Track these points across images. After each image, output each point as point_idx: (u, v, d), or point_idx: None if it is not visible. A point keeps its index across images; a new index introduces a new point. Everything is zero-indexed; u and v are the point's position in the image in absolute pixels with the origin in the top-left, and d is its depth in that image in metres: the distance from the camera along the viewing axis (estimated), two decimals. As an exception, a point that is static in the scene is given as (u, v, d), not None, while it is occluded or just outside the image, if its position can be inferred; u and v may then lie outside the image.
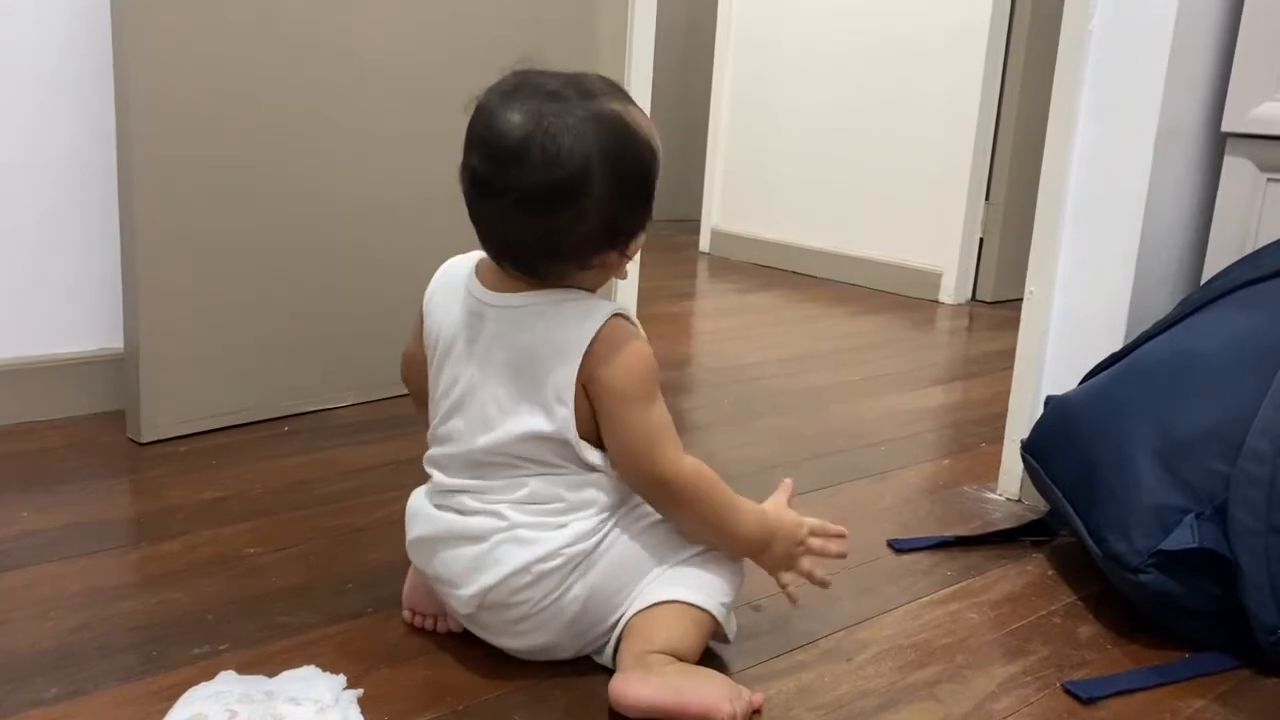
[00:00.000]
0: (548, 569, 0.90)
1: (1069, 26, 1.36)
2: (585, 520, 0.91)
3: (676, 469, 0.91)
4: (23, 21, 1.44)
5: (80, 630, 0.97)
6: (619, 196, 0.88)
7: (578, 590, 0.91)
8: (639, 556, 0.94)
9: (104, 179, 1.51)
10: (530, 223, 0.87)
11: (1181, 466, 1.06)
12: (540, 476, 0.91)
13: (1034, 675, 1.01)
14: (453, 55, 1.70)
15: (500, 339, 0.92)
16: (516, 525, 0.90)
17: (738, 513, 0.95)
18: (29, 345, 1.51)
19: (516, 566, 0.90)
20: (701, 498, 0.93)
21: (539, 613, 0.91)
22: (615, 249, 0.91)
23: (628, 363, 0.90)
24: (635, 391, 0.90)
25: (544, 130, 0.85)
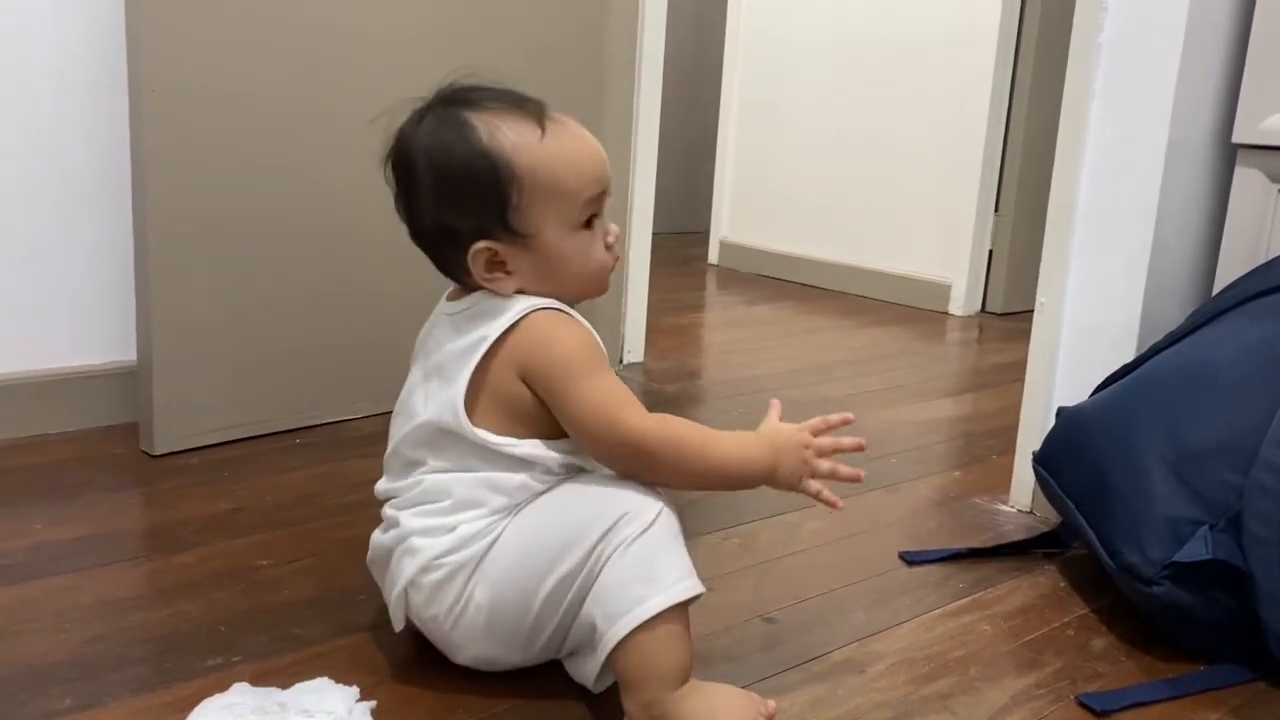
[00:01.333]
0: (436, 580, 0.89)
1: (1079, 38, 1.37)
2: (472, 522, 0.89)
3: (641, 426, 0.88)
4: (38, 35, 1.45)
5: (94, 642, 0.97)
6: (437, 193, 0.92)
7: (480, 598, 0.89)
8: (540, 550, 0.88)
9: (116, 191, 1.51)
10: (399, 200, 0.97)
11: (1194, 477, 1.06)
12: (436, 474, 0.92)
13: (1048, 688, 1.00)
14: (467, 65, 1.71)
15: (438, 343, 0.96)
16: (410, 533, 0.91)
17: (724, 445, 0.90)
18: (42, 358, 1.52)
19: (409, 579, 0.91)
20: (677, 445, 0.89)
21: (455, 624, 0.91)
22: (461, 253, 0.92)
23: (560, 343, 0.90)
24: (575, 367, 0.89)
25: (399, 131, 0.96)
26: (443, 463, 0.92)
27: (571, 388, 0.88)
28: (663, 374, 2.08)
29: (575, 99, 1.89)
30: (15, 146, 1.46)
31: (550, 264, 0.93)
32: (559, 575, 0.87)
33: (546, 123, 0.93)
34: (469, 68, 0.95)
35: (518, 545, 0.89)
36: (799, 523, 1.36)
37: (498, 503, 0.90)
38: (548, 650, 0.93)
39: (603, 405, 0.88)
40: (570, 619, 0.90)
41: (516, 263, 0.92)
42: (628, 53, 1.97)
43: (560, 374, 0.89)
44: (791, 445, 0.91)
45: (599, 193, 0.94)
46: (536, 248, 0.92)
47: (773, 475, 0.91)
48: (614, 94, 1.95)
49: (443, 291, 1.02)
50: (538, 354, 0.89)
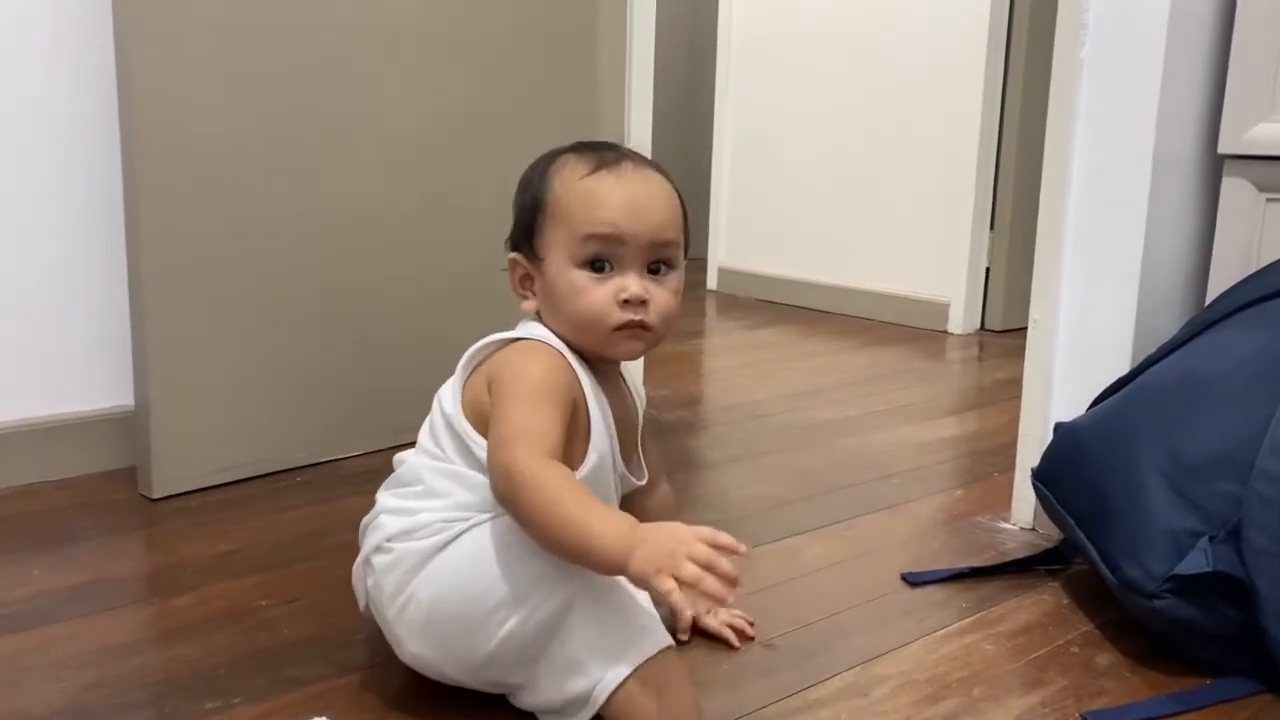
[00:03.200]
0: (385, 562, 0.92)
1: (1060, 55, 1.38)
2: (433, 513, 0.91)
3: (519, 461, 0.84)
4: (32, 86, 1.47)
5: (93, 688, 0.97)
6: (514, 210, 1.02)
7: (421, 596, 0.89)
8: (495, 572, 0.87)
9: (112, 235, 1.52)
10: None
11: (1192, 489, 1.06)
12: (420, 455, 0.96)
13: (1053, 706, 1.00)
14: (458, 109, 1.72)
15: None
16: (381, 510, 0.95)
17: (579, 510, 0.81)
18: (39, 405, 1.52)
19: (366, 554, 0.95)
20: (537, 491, 0.82)
21: (399, 615, 0.92)
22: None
23: (518, 365, 0.92)
24: (516, 389, 0.90)
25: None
26: (432, 446, 0.96)
27: (500, 406, 0.89)
28: (663, 402, 2.08)
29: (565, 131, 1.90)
30: (10, 193, 1.47)
31: (551, 294, 0.96)
32: (514, 606, 0.86)
33: (605, 166, 0.96)
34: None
35: (472, 559, 0.88)
36: (801, 547, 1.36)
37: (461, 498, 0.91)
38: (492, 676, 0.91)
39: (510, 430, 0.87)
40: (524, 652, 0.87)
41: (538, 285, 0.98)
42: (618, 81, 1.98)
43: (502, 390, 0.90)
44: (664, 540, 0.77)
45: (609, 239, 0.93)
46: (544, 271, 0.96)
47: (623, 561, 0.78)
48: (605, 121, 1.96)
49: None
50: (500, 369, 0.93)
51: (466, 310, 1.81)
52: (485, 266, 1.82)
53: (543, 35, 1.83)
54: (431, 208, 1.73)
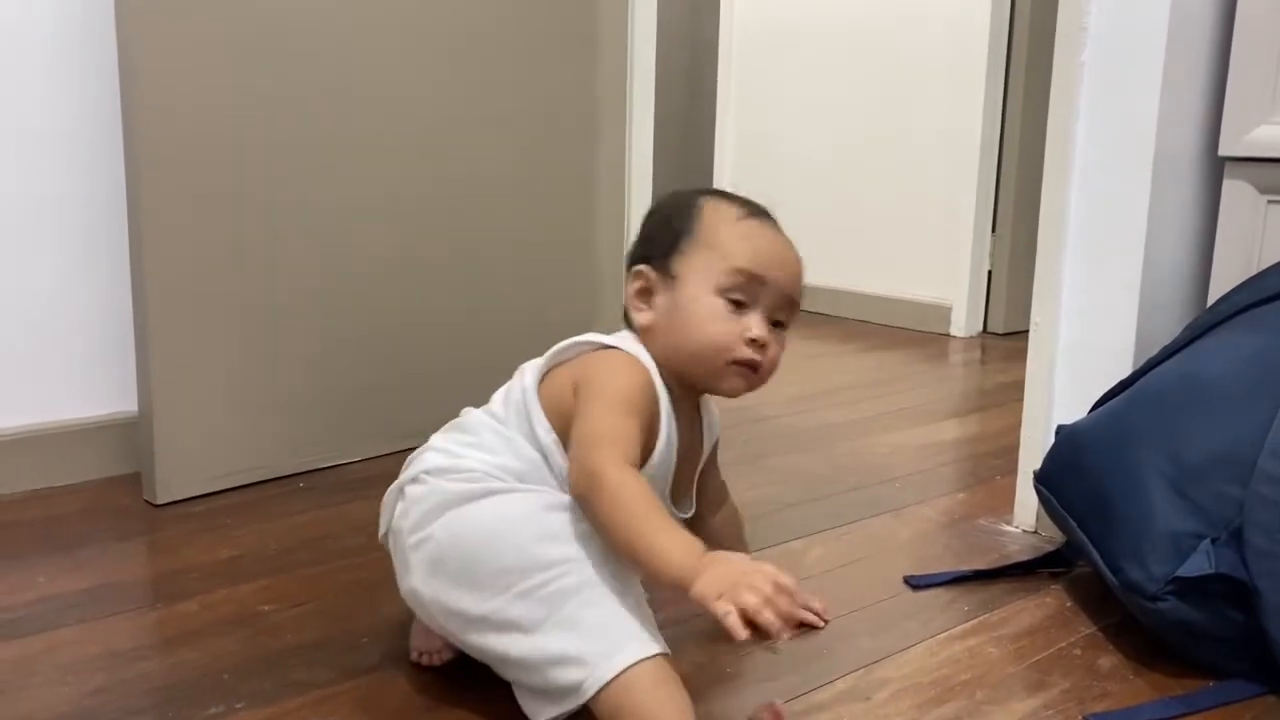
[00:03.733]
0: (418, 492, 0.95)
1: (1061, 58, 1.38)
2: (476, 465, 0.94)
3: (606, 466, 0.87)
4: (35, 92, 1.47)
5: (98, 693, 0.97)
6: (645, 225, 1.06)
7: (441, 535, 0.92)
8: (516, 539, 0.88)
9: (115, 243, 1.53)
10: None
11: (1194, 491, 1.06)
12: (485, 414, 1.01)
13: (1055, 709, 1.00)
14: (459, 112, 1.73)
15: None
16: (430, 446, 1.00)
17: (656, 527, 0.84)
18: (44, 411, 1.53)
19: (405, 480, 0.98)
20: (618, 499, 0.85)
21: (414, 545, 0.94)
22: (627, 272, 1.04)
23: (607, 371, 0.96)
24: (603, 394, 0.93)
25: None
26: (498, 414, 1.00)
27: (588, 406, 0.93)
28: (665, 405, 2.08)
29: (567, 129, 1.91)
30: (14, 202, 1.48)
31: (678, 313, 0.99)
32: (523, 575, 0.86)
33: (758, 215, 1.04)
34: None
35: (497, 519, 0.91)
36: (803, 550, 1.36)
37: (507, 461, 0.95)
38: (478, 640, 0.90)
39: (596, 431, 0.90)
40: (517, 622, 0.87)
41: (658, 300, 1.00)
42: (620, 82, 1.98)
43: (590, 391, 0.94)
44: (730, 569, 0.79)
45: (755, 277, 0.98)
46: (677, 290, 0.99)
47: (688, 582, 0.80)
48: (606, 123, 1.97)
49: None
50: (590, 371, 0.96)
51: (470, 316, 1.81)
52: (490, 273, 1.83)
53: (544, 35, 1.84)
54: (435, 215, 1.74)
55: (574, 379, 0.96)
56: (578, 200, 1.95)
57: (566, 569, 0.87)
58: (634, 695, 0.83)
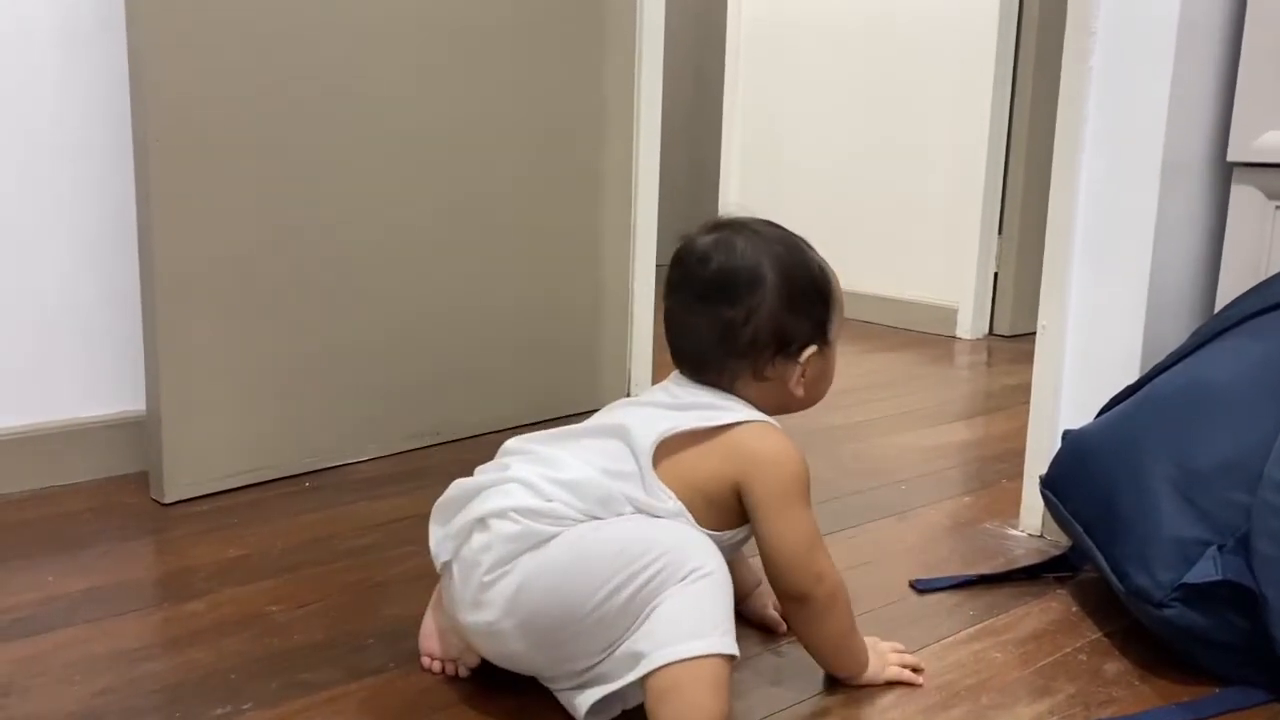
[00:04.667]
0: (508, 531, 0.91)
1: (1069, 62, 1.38)
2: (568, 508, 0.92)
3: (832, 571, 0.98)
4: (42, 91, 1.48)
5: (105, 693, 0.98)
6: (785, 305, 1.00)
7: (521, 569, 0.90)
8: (601, 553, 0.89)
9: (123, 243, 1.53)
10: (708, 312, 1.00)
11: (1201, 498, 1.06)
12: (589, 460, 0.95)
13: (1061, 714, 1.00)
14: (465, 113, 1.73)
15: (669, 392, 1.04)
16: (514, 479, 0.94)
17: (857, 632, 1.04)
18: (51, 410, 1.53)
19: (490, 511, 0.92)
20: (841, 601, 0.99)
21: (493, 583, 0.91)
22: (787, 356, 1.01)
23: (789, 465, 0.97)
24: (796, 494, 0.97)
25: (727, 239, 1.02)
26: (610, 468, 0.95)
27: (789, 512, 0.96)
28: (670, 407, 2.08)
29: (574, 132, 1.91)
30: (22, 200, 1.48)
31: (822, 379, 1.06)
32: (609, 582, 0.88)
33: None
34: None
35: (581, 544, 0.90)
36: (808, 553, 1.36)
37: (598, 512, 0.93)
38: (563, 664, 0.92)
39: (810, 534, 0.97)
40: (607, 633, 0.89)
41: (814, 371, 1.04)
42: (627, 82, 1.99)
43: (782, 494, 0.96)
44: (879, 655, 1.05)
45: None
46: (828, 356, 1.05)
47: (865, 670, 1.03)
48: (613, 122, 1.97)
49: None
50: (770, 462, 0.96)
51: (478, 318, 1.82)
52: (497, 274, 1.84)
53: (552, 33, 1.84)
54: (443, 214, 1.74)
55: (733, 466, 0.96)
56: (584, 200, 1.95)
57: (654, 570, 0.88)
58: (684, 690, 0.84)
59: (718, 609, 0.88)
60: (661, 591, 0.87)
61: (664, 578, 0.87)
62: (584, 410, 1.98)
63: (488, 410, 1.85)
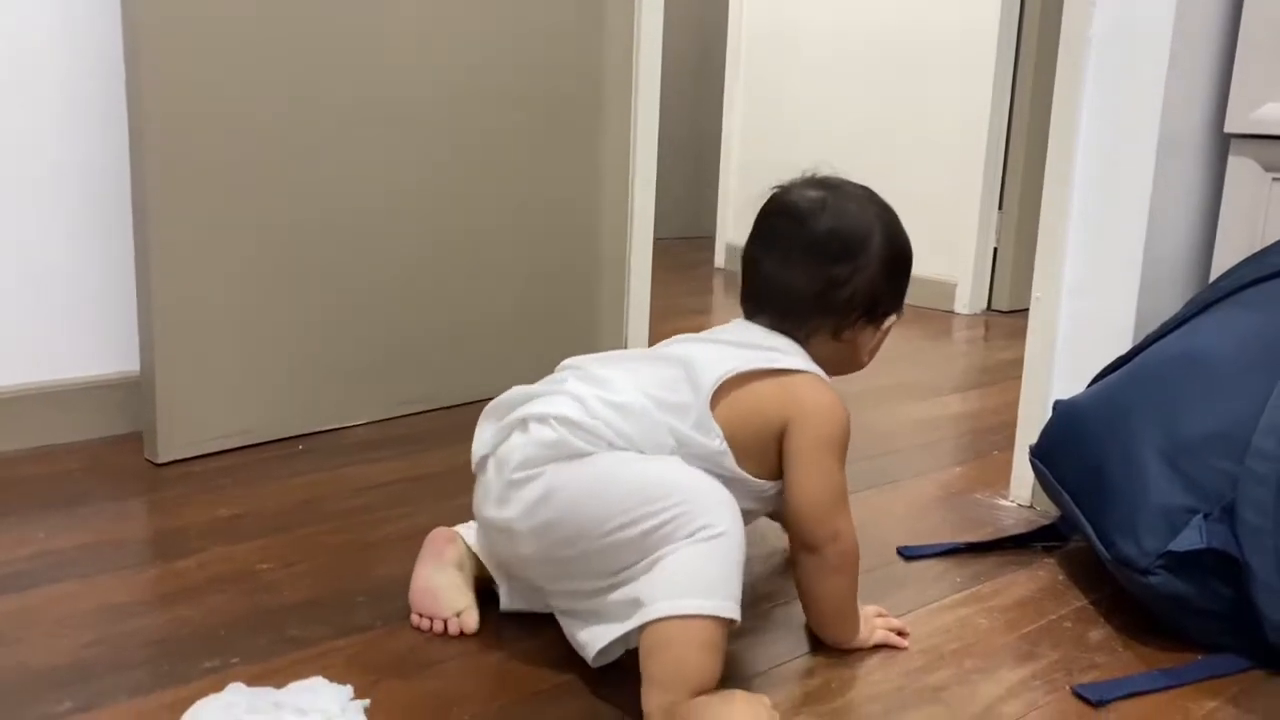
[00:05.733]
0: (544, 436, 0.92)
1: (1068, 33, 1.37)
2: (614, 433, 0.93)
3: (849, 528, 1.00)
4: (39, 51, 1.47)
5: (94, 646, 0.98)
6: (887, 266, 1.04)
7: (548, 476, 0.92)
8: (628, 481, 0.91)
9: (118, 205, 1.53)
10: (811, 267, 1.03)
11: (1189, 467, 1.06)
12: (641, 387, 0.96)
13: (1044, 679, 1.00)
14: (462, 79, 1.72)
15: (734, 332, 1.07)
16: (566, 392, 0.96)
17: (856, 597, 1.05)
18: (47, 370, 1.53)
19: (531, 414, 0.94)
20: (852, 559, 1.01)
21: (522, 484, 0.93)
22: (870, 320, 1.05)
23: (837, 422, 0.99)
24: (836, 447, 0.99)
25: (836, 199, 1.05)
26: (663, 399, 0.96)
27: (824, 463, 0.98)
28: (666, 376, 2.08)
29: (571, 100, 1.90)
30: (17, 161, 1.48)
31: (882, 342, 1.10)
32: (625, 514, 0.89)
33: None
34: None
35: (608, 470, 0.92)
36: (798, 520, 1.36)
37: (641, 443, 0.94)
38: (567, 581, 0.95)
39: (835, 488, 0.99)
40: (604, 565, 0.91)
41: (874, 334, 1.08)
42: (624, 52, 1.98)
43: (818, 437, 0.98)
44: (865, 619, 1.05)
45: None
46: (882, 326, 1.09)
47: (855, 639, 1.04)
48: (612, 97, 1.96)
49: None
50: (808, 408, 0.98)
51: (473, 284, 1.81)
52: (493, 242, 1.83)
53: (549, 4, 1.83)
54: (438, 184, 1.74)
55: (783, 409, 0.98)
56: (582, 170, 1.95)
57: (667, 517, 0.88)
58: (674, 645, 0.86)
59: (723, 570, 0.88)
60: (672, 540, 0.88)
61: (675, 526, 0.88)
62: (579, 378, 1.99)
63: (481, 378, 1.85)
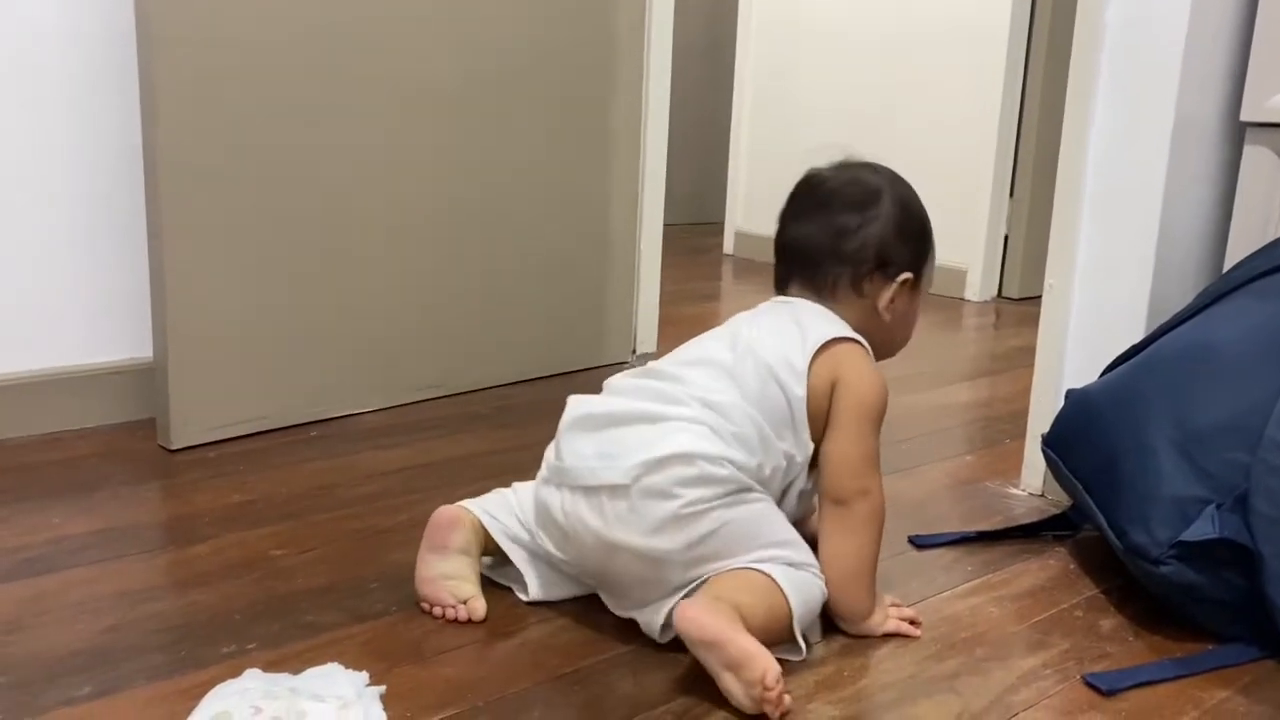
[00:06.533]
0: (715, 474, 0.96)
1: (1083, 18, 1.36)
2: (737, 455, 0.98)
3: (880, 490, 1.06)
4: (51, 37, 1.47)
5: (111, 631, 0.99)
6: (895, 227, 1.10)
7: (715, 518, 0.96)
8: (756, 528, 0.98)
9: (132, 192, 1.53)
10: (824, 217, 1.10)
11: (1201, 457, 1.06)
12: (740, 398, 1.01)
13: (1054, 668, 1.01)
14: (471, 67, 1.72)
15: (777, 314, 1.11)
16: (681, 422, 0.98)
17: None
18: (61, 356, 1.54)
19: (682, 450, 0.96)
20: (878, 525, 1.06)
21: (680, 517, 0.95)
22: (885, 275, 1.10)
23: (877, 389, 1.06)
24: (875, 414, 1.06)
25: (853, 167, 1.15)
26: (758, 407, 1.01)
27: (861, 427, 1.05)
28: (676, 364, 2.08)
29: (582, 87, 1.90)
30: (32, 149, 1.48)
31: (907, 318, 1.15)
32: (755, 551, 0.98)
33: None
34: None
35: (761, 514, 1.00)
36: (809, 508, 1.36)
37: (760, 469, 1.00)
38: (645, 585, 0.99)
39: (870, 453, 1.06)
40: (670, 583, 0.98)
41: (902, 303, 1.12)
42: (637, 42, 1.97)
43: (859, 404, 1.04)
44: (880, 607, 1.07)
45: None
46: (915, 299, 1.14)
47: (869, 616, 1.05)
48: (623, 82, 1.96)
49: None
50: (856, 377, 1.05)
51: (483, 271, 1.82)
52: (503, 227, 1.83)
53: None
54: (452, 165, 1.74)
55: (833, 376, 1.04)
56: (593, 159, 1.94)
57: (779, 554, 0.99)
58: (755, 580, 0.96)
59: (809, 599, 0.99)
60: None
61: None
62: (588, 367, 1.99)
63: (492, 365, 1.85)
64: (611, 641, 1.01)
